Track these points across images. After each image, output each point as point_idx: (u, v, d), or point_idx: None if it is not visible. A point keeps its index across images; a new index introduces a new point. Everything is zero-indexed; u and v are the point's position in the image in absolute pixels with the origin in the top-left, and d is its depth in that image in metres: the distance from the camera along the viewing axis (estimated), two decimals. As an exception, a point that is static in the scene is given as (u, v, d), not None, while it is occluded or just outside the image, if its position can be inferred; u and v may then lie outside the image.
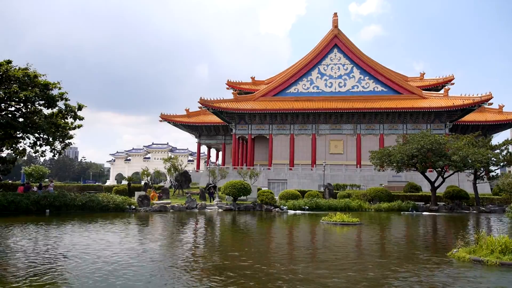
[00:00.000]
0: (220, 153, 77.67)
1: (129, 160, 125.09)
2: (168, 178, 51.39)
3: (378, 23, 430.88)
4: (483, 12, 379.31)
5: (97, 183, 77.10)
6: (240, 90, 70.88)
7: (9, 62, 29.15)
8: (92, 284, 8.98)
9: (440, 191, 41.75)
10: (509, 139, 42.86)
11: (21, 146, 32.95)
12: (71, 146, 35.70)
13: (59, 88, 30.74)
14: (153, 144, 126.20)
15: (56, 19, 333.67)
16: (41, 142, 31.19)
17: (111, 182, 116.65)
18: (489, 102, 55.97)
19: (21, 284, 8.81)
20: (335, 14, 64.43)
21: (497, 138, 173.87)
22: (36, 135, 30.71)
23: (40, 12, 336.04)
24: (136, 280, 9.39)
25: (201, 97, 59.65)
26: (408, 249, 15.28)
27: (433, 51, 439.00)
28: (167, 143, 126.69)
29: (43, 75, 30.01)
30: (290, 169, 58.18)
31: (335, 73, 63.38)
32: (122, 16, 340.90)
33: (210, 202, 37.00)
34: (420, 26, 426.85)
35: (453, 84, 68.09)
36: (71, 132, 32.42)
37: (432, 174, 44.40)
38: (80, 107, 32.39)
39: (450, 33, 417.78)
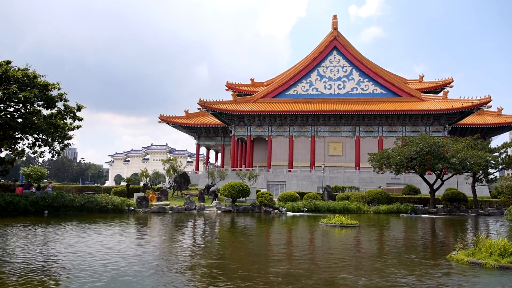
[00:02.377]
0: (219, 155, 77.66)
1: (128, 161, 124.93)
2: (167, 179, 51.32)
3: (378, 25, 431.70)
4: (483, 15, 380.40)
5: (95, 184, 77.11)
6: (239, 91, 70.96)
7: (8, 62, 29.13)
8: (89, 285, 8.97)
9: (439, 193, 41.73)
10: (508, 142, 42.89)
11: (20, 147, 32.90)
12: (70, 147, 35.68)
13: (59, 89, 30.72)
14: (152, 145, 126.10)
15: (56, 19, 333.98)
16: (40, 142, 31.14)
17: (109, 183, 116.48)
18: (488, 105, 56.05)
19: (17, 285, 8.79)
20: (335, 16, 64.58)
21: (496, 141, 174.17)
22: (35, 135, 30.66)
23: (40, 12, 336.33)
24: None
25: (200, 99, 59.68)
26: (406, 251, 15.26)
27: (432, 53, 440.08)
28: (166, 144, 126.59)
29: (42, 76, 29.99)
30: (289, 171, 58.18)
31: (335, 75, 63.47)
32: (122, 16, 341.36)
33: (211, 203, 36.93)
34: (420, 28, 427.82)
35: (452, 86, 68.21)
36: (70, 133, 32.37)
37: (431, 177, 44.44)
38: (79, 108, 32.35)
39: (450, 35, 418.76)
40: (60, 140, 31.77)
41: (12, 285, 8.81)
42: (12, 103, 29.76)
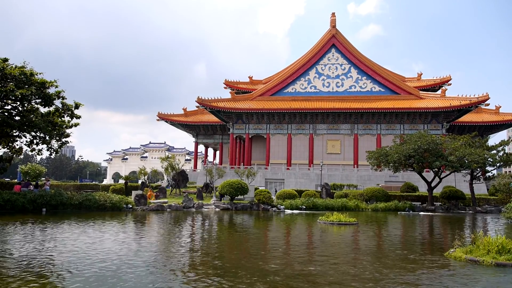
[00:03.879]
0: (218, 153, 77.58)
1: (126, 159, 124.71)
2: (165, 177, 51.30)
3: (377, 23, 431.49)
4: (482, 14, 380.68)
5: (94, 182, 76.83)
6: (237, 89, 70.85)
7: (5, 60, 28.99)
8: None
9: (437, 191, 41.84)
10: (506, 139, 43.01)
11: (17, 145, 32.76)
12: (68, 144, 35.54)
13: (56, 87, 30.60)
14: (150, 143, 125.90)
15: (54, 17, 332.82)
16: (37, 140, 31.02)
17: (108, 181, 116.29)
18: (486, 103, 56.17)
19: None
20: (333, 14, 64.49)
21: (494, 139, 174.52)
22: (33, 133, 30.54)
23: (38, 9, 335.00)
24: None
25: (198, 96, 59.59)
26: (403, 249, 15.29)
27: (431, 51, 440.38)
28: (165, 142, 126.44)
29: (39, 73, 29.86)
30: (288, 168, 58.20)
31: (333, 73, 63.43)
32: (120, 14, 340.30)
33: (210, 201, 36.94)
34: (419, 26, 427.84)
35: (450, 84, 68.35)
36: (68, 131, 32.24)
37: (429, 174, 44.54)
38: (77, 106, 32.22)
39: (448, 34, 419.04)
40: (57, 138, 31.66)
41: (6, 282, 8.79)
42: (9, 101, 29.59)
